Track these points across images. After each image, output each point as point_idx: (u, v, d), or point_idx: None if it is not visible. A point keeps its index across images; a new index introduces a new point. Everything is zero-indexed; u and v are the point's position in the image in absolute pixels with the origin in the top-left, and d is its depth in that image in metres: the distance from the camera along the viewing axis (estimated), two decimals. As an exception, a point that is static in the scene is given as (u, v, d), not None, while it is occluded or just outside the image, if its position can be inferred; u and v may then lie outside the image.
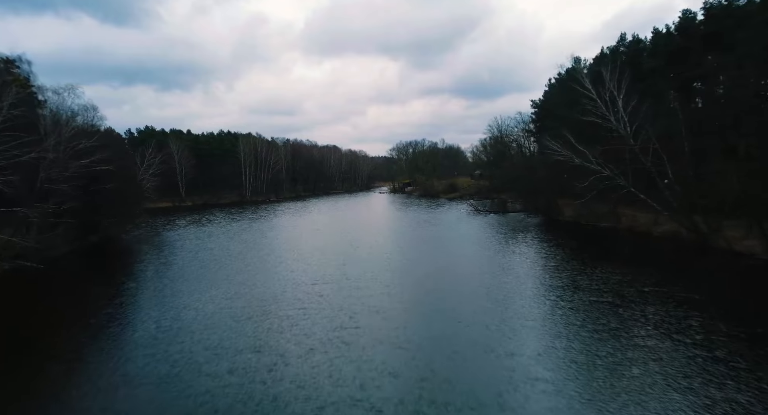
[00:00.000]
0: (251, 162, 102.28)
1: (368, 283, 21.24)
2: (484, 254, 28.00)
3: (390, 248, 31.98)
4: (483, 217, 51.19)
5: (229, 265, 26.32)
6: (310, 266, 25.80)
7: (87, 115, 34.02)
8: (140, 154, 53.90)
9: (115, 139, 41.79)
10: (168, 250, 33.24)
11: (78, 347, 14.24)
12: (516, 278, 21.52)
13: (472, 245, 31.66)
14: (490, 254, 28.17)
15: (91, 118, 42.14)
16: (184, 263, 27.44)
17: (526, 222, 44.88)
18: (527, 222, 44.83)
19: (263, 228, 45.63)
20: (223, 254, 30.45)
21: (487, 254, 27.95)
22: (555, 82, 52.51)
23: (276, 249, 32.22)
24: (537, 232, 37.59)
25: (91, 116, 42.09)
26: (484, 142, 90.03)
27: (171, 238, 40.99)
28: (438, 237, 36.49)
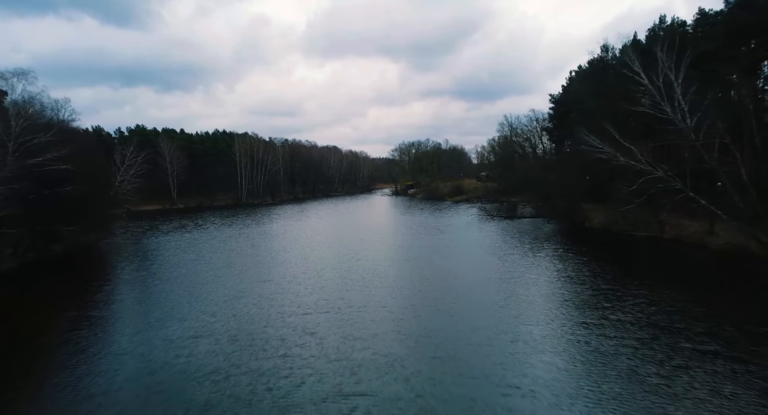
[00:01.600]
0: (247, 163, 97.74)
1: (374, 314, 16.56)
2: (510, 272, 23.30)
3: (397, 260, 27.31)
4: (496, 222, 46.51)
5: (201, 287, 21.61)
6: (303, 286, 21.11)
7: (44, 107, 29.28)
8: (128, 154, 49.30)
9: (79, 136, 36.92)
10: (138, 263, 28.57)
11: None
12: (562, 310, 16.82)
13: (491, 258, 26.97)
14: (518, 272, 23.47)
15: (63, 112, 37.77)
16: (149, 284, 22.76)
17: (547, 230, 40.18)
18: (548, 230, 40.13)
19: (254, 235, 40.95)
20: (200, 270, 25.75)
21: (514, 273, 23.24)
22: (580, 72, 47.86)
23: (264, 263, 27.52)
24: (564, 242, 32.88)
25: (63, 111, 37.72)
26: (492, 142, 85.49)
27: (149, 247, 36.36)
28: (450, 247, 31.81)
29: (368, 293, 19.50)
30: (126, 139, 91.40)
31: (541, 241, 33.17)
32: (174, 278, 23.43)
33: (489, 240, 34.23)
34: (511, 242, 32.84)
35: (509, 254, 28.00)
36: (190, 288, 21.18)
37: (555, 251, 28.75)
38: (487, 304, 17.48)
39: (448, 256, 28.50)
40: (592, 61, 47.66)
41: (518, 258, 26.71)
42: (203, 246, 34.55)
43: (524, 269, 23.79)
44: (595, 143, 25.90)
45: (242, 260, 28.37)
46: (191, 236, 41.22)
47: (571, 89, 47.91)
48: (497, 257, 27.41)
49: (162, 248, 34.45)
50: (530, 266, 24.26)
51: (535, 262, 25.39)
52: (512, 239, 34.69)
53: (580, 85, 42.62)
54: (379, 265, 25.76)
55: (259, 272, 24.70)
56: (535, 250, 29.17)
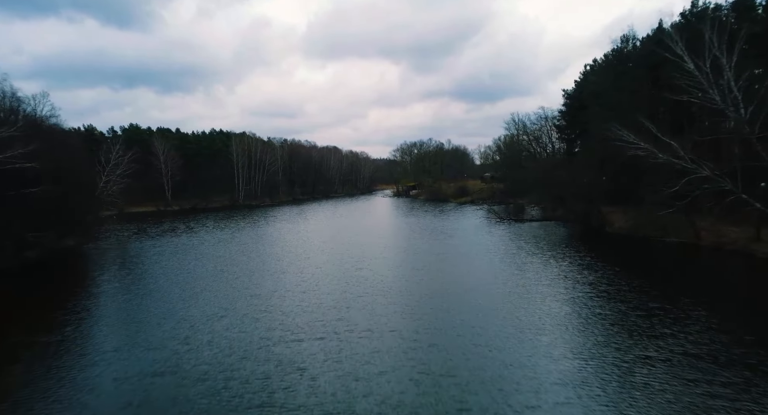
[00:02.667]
0: (244, 163, 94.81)
1: (380, 341, 13.60)
2: (535, 286, 20.33)
3: (404, 271, 24.34)
4: (506, 226, 43.52)
5: (178, 303, 18.65)
6: (295, 303, 18.16)
7: (9, 98, 26.37)
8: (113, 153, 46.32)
9: (57, 133, 33.99)
10: (113, 273, 25.63)
11: None
12: (610, 338, 13.84)
13: (509, 268, 24.02)
14: (543, 285, 20.50)
15: (41, 108, 34.96)
16: (119, 299, 19.82)
17: (564, 234, 37.20)
18: (564, 234, 37.16)
19: (247, 240, 37.99)
20: (181, 281, 22.79)
21: (540, 286, 20.27)
22: (598, 66, 44.84)
23: (254, 273, 24.54)
24: (587, 248, 29.89)
25: (41, 106, 34.91)
26: (498, 142, 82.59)
27: (131, 253, 33.47)
28: (461, 254, 28.84)
29: (372, 313, 16.52)
30: (119, 139, 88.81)
31: (561, 247, 30.17)
32: (149, 292, 20.46)
33: (503, 246, 31.24)
34: (527, 248, 29.84)
35: (529, 263, 25.01)
36: (165, 304, 18.20)
37: (580, 258, 25.76)
38: (516, 328, 14.49)
39: (461, 265, 25.51)
40: (608, 54, 44.74)
41: (540, 268, 23.72)
42: (190, 252, 31.58)
43: (549, 281, 20.80)
44: (630, 138, 22.85)
45: (230, 269, 25.38)
46: (179, 240, 38.27)
47: (587, 83, 44.91)
48: (515, 266, 24.42)
49: (145, 255, 31.51)
50: (556, 278, 21.26)
51: (561, 273, 22.40)
52: (527, 244, 31.69)
53: (599, 77, 39.59)
54: (383, 276, 22.77)
55: (246, 284, 21.71)
56: (556, 257, 26.18)
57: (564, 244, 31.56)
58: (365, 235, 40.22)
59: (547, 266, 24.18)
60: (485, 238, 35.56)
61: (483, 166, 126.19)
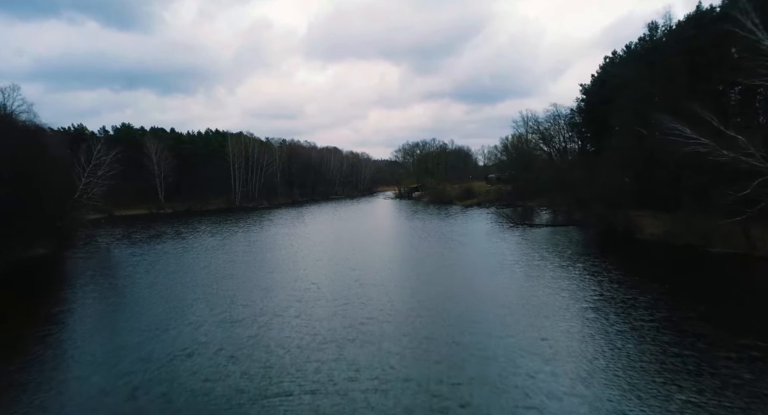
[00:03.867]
0: (241, 164, 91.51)
1: (393, 399, 10.14)
2: (577, 309, 16.91)
3: (413, 287, 20.90)
4: (520, 231, 40.06)
5: (139, 334, 15.23)
6: (284, 333, 14.76)
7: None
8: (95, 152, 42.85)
9: (14, 129, 30.62)
10: (74, 290, 22.17)
11: None
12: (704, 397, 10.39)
13: (537, 284, 20.61)
14: (587, 309, 17.07)
15: (10, 103, 31.62)
16: (65, 329, 16.39)
17: (587, 240, 33.77)
18: (588, 240, 33.73)
19: (239, 248, 34.56)
20: (150, 302, 19.40)
21: (583, 310, 16.85)
22: (621, 56, 41.43)
23: (239, 291, 21.10)
24: (623, 260, 26.47)
25: (11, 101, 31.60)
26: (504, 141, 79.22)
27: (106, 263, 30.23)
28: (477, 266, 25.43)
29: (379, 349, 13.10)
30: (101, 138, 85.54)
31: (590, 257, 26.70)
32: (106, 318, 17.06)
33: (523, 256, 27.78)
34: (551, 259, 26.39)
35: (558, 278, 21.54)
36: (122, 337, 14.77)
37: (618, 273, 22.30)
38: (572, 376, 11.05)
39: (480, 279, 22.03)
40: (630, 45, 41.37)
41: (576, 284, 20.26)
42: (172, 263, 28.17)
43: (592, 303, 17.35)
44: (686, 133, 19.37)
45: (212, 286, 21.93)
46: (164, 247, 34.86)
47: (608, 76, 41.46)
48: (544, 282, 20.94)
49: (120, 266, 28.15)
50: (602, 301, 17.79)
51: (603, 292, 18.94)
52: (550, 253, 28.24)
53: (622, 70, 36.16)
54: (389, 295, 19.31)
55: (228, 306, 18.25)
56: (590, 271, 22.71)
57: (592, 253, 28.09)
58: (367, 242, 36.77)
59: (583, 283, 20.72)
60: (501, 246, 32.10)
61: (486, 167, 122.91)
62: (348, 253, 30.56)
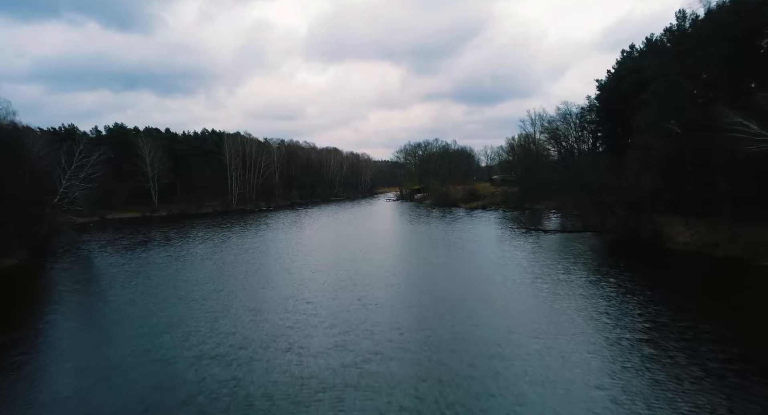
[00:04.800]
0: (238, 165, 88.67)
1: None
2: (609, 335, 14.08)
3: (423, 304, 18.06)
4: (534, 238, 37.22)
5: (107, 369, 12.39)
6: (272, 375, 11.90)
7: None
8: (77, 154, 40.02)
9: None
10: (49, 302, 19.30)
11: None
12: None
13: (565, 304, 17.77)
14: (646, 345, 14.22)
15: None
16: (23, 358, 13.51)
17: (612, 249, 30.92)
18: (612, 249, 30.87)
19: (229, 258, 31.71)
20: (128, 325, 16.60)
21: (639, 347, 14.00)
22: (641, 50, 38.59)
23: (225, 312, 18.25)
24: (659, 275, 23.64)
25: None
26: (510, 141, 76.38)
27: (90, 272, 27.77)
28: (495, 280, 22.55)
29: (387, 403, 10.22)
30: (102, 139, 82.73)
31: (621, 271, 23.80)
32: (54, 353, 14.17)
33: (544, 267, 24.90)
34: (577, 273, 23.54)
35: (595, 298, 18.67)
36: (65, 386, 11.91)
37: (662, 293, 19.44)
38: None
39: (501, 298, 19.12)
40: (651, 38, 38.55)
41: (616, 307, 17.39)
42: (153, 275, 25.30)
43: (644, 333, 14.48)
44: (751, 128, 16.54)
45: (192, 306, 19.05)
46: (150, 256, 32.02)
47: (627, 71, 38.58)
48: (578, 305, 18.07)
49: (95, 279, 25.36)
50: (655, 330, 14.92)
51: (651, 317, 16.07)
52: (575, 265, 25.39)
53: (650, 61, 33.24)
54: (398, 320, 16.45)
55: (206, 335, 15.36)
56: (628, 290, 19.82)
57: (621, 265, 25.19)
58: (369, 250, 33.86)
59: (622, 304, 17.85)
60: (517, 255, 29.23)
61: (490, 168, 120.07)
62: (348, 264, 27.68)
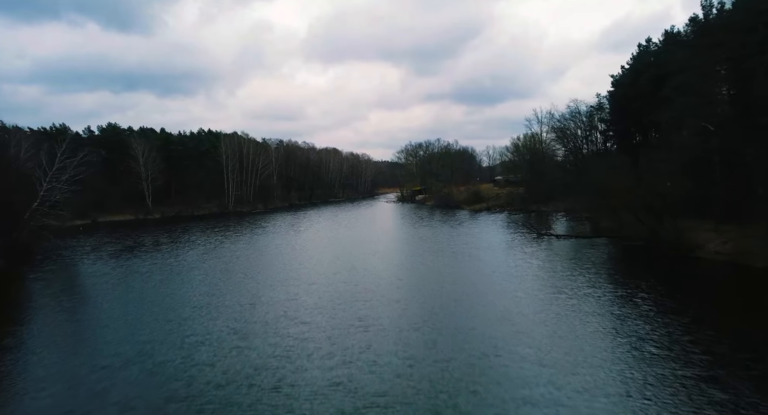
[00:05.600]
0: (235, 166, 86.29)
1: None
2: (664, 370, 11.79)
3: (434, 325, 15.74)
4: (546, 243, 34.95)
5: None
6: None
7: None
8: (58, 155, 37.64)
9: None
10: (21, 318, 16.98)
11: None
12: None
13: (602, 329, 15.49)
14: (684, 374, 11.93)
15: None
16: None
17: (634, 258, 28.59)
18: (636, 259, 28.54)
19: (219, 266, 29.44)
20: (94, 352, 14.28)
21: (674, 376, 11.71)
22: (658, 44, 36.27)
23: (207, 335, 15.96)
24: (704, 290, 21.34)
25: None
26: (515, 141, 74.08)
27: (69, 282, 25.75)
28: (513, 297, 20.26)
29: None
30: (95, 139, 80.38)
31: (654, 285, 21.45)
32: (17, 379, 11.85)
33: (565, 279, 22.60)
34: (603, 286, 21.23)
35: (631, 319, 16.36)
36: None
37: (714, 315, 17.15)
38: None
39: (524, 321, 16.79)
40: (672, 30, 36.24)
41: (660, 331, 15.08)
42: (134, 288, 23.00)
43: (703, 367, 12.17)
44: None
45: (169, 327, 16.74)
46: (135, 264, 29.77)
47: (643, 66, 36.20)
48: (614, 327, 15.76)
49: (73, 290, 23.09)
50: (718, 367, 12.62)
51: (707, 347, 13.76)
52: (598, 277, 23.09)
53: (663, 57, 30.99)
54: (407, 347, 14.14)
55: (179, 369, 13.04)
56: (670, 310, 17.52)
57: (652, 278, 22.84)
58: (371, 258, 31.55)
59: (667, 328, 15.55)
60: (532, 265, 26.92)
61: (492, 169, 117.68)
62: (348, 274, 25.36)
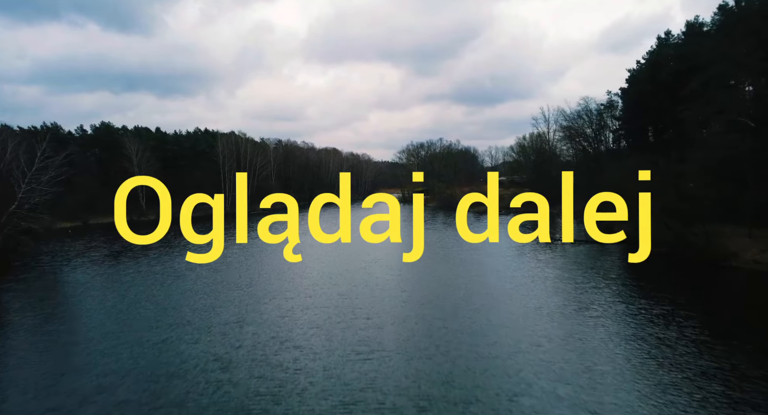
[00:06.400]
0: (232, 166, 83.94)
1: None
2: None
3: (452, 351, 13.42)
4: (561, 249, 32.66)
5: None
6: None
7: None
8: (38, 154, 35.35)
9: None
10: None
11: None
12: None
13: (661, 366, 13.18)
14: None
15: None
16: None
17: (664, 268, 26.22)
18: (666, 269, 26.18)
19: (207, 273, 27.10)
20: (43, 388, 11.95)
21: None
22: (680, 36, 33.94)
23: (185, 361, 13.67)
24: (760, 308, 19.02)
25: None
26: (521, 141, 71.73)
27: (40, 294, 23.00)
28: (533, 310, 17.94)
29: None
30: (88, 139, 78.13)
31: (699, 300, 19.13)
32: None
33: (590, 293, 20.29)
34: (638, 302, 18.91)
35: (687, 348, 14.04)
36: None
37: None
38: None
39: (555, 342, 14.47)
40: (696, 21, 33.95)
41: (726, 367, 12.76)
42: (106, 301, 20.66)
43: None
44: None
45: (134, 360, 14.39)
46: (115, 272, 27.50)
47: (666, 59, 33.86)
48: (671, 364, 13.45)
49: (42, 306, 20.66)
50: None
51: None
52: (630, 290, 20.76)
53: (683, 49, 28.67)
54: (420, 388, 11.79)
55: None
56: (732, 332, 15.22)
57: (688, 290, 20.53)
58: (372, 266, 29.19)
59: (728, 360, 13.24)
60: (547, 274, 24.62)
61: (494, 169, 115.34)
62: (347, 287, 22.96)
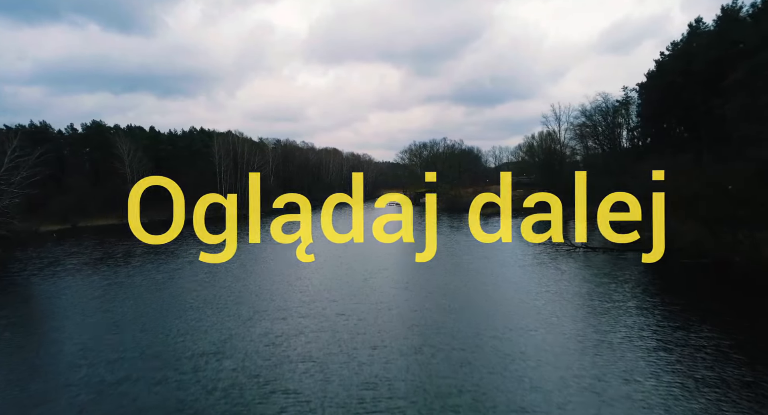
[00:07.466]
0: (229, 166, 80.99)
1: None
2: None
3: (468, 383, 10.41)
4: (583, 258, 29.71)
5: None
6: None
7: None
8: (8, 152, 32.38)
9: None
10: None
11: None
12: None
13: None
14: None
15: None
16: None
17: (708, 280, 23.27)
18: (709, 281, 23.23)
19: (191, 285, 24.17)
20: None
21: None
22: (711, 25, 30.96)
23: (147, 410, 10.63)
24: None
25: None
26: (530, 140, 68.79)
27: (4, 309, 19.82)
28: (564, 333, 14.99)
29: None
30: (78, 138, 75.31)
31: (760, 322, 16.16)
32: None
33: (626, 313, 17.31)
34: (693, 327, 15.93)
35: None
36: None
37: None
38: None
39: (599, 381, 11.48)
40: (734, 4, 30.98)
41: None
42: (71, 317, 17.67)
43: None
44: None
45: (97, 397, 11.41)
46: (91, 282, 24.64)
47: (702, 49, 30.80)
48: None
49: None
50: None
51: None
52: (674, 306, 17.79)
53: (719, 37, 25.66)
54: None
55: None
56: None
57: (750, 309, 17.56)
58: (376, 278, 26.23)
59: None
60: (569, 289, 21.68)
61: (499, 169, 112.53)
62: (347, 304, 20.00)
